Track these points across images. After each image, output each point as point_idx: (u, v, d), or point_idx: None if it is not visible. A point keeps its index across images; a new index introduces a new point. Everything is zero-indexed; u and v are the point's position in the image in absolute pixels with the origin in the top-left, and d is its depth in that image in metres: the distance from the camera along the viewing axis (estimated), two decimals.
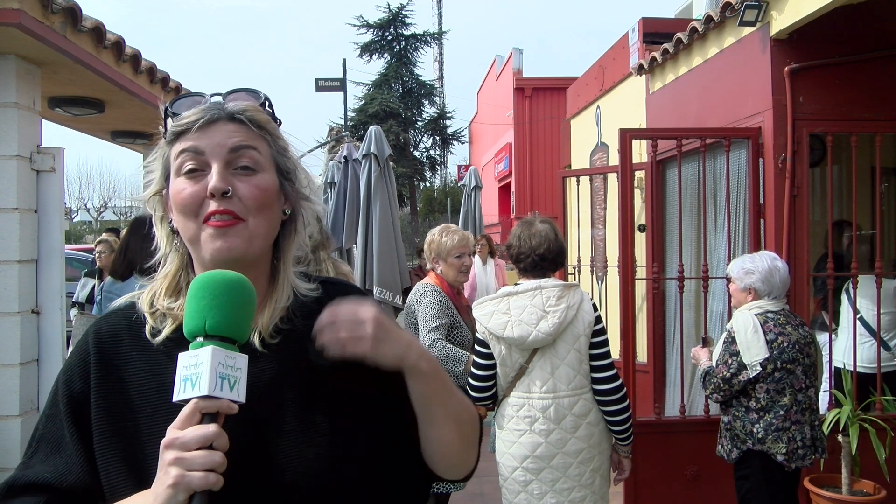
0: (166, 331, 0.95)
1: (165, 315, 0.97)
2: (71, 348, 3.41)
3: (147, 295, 0.99)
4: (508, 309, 2.59)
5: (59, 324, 3.43)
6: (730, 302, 3.24)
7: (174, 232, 0.98)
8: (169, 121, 0.97)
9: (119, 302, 1.03)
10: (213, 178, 0.91)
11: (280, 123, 1.03)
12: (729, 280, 3.16)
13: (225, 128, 0.94)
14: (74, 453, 0.91)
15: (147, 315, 0.97)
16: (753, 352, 2.79)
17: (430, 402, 0.99)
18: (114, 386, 0.93)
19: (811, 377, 2.91)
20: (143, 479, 0.85)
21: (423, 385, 0.97)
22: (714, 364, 2.94)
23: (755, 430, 2.81)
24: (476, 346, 2.70)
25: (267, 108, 1.01)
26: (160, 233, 1.01)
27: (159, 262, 1.02)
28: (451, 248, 3.29)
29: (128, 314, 0.99)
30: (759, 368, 2.78)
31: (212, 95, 0.99)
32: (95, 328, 0.99)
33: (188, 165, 0.93)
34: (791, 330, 2.87)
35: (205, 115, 0.94)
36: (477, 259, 6.84)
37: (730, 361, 2.85)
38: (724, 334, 2.99)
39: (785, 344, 2.81)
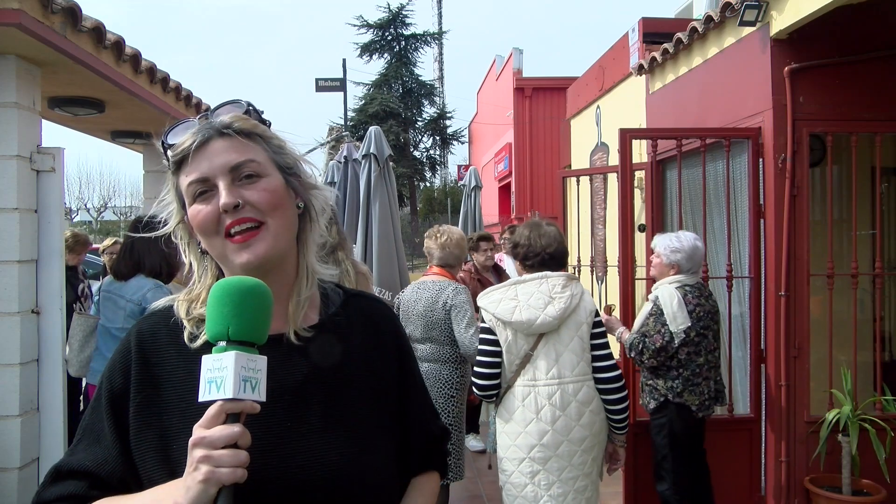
0: (204, 336, 0.99)
1: (203, 321, 1.01)
2: (68, 349, 3.42)
3: (183, 304, 1.04)
4: (516, 295, 2.70)
5: (59, 324, 3.43)
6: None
7: (204, 253, 1.03)
8: (169, 152, 1.02)
9: (159, 303, 1.08)
10: (221, 196, 0.97)
11: (269, 124, 1.07)
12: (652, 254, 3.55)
13: (219, 145, 0.99)
14: (111, 445, 0.97)
15: (184, 321, 1.02)
16: (679, 321, 3.19)
17: None
18: (152, 382, 0.99)
19: (717, 340, 3.38)
20: (176, 472, 0.90)
21: None
22: (637, 333, 3.29)
23: (674, 385, 3.23)
24: (481, 335, 2.77)
25: (252, 113, 1.05)
26: (190, 256, 1.06)
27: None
28: None
29: (167, 315, 1.05)
30: (683, 335, 3.18)
31: (199, 118, 1.03)
32: (138, 328, 1.05)
33: (198, 190, 0.99)
34: (704, 301, 3.30)
35: (196, 139, 0.99)
36: (507, 259, 6.58)
37: (663, 331, 3.20)
38: (650, 306, 3.32)
39: (702, 313, 3.25)
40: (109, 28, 3.61)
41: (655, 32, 5.55)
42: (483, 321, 2.77)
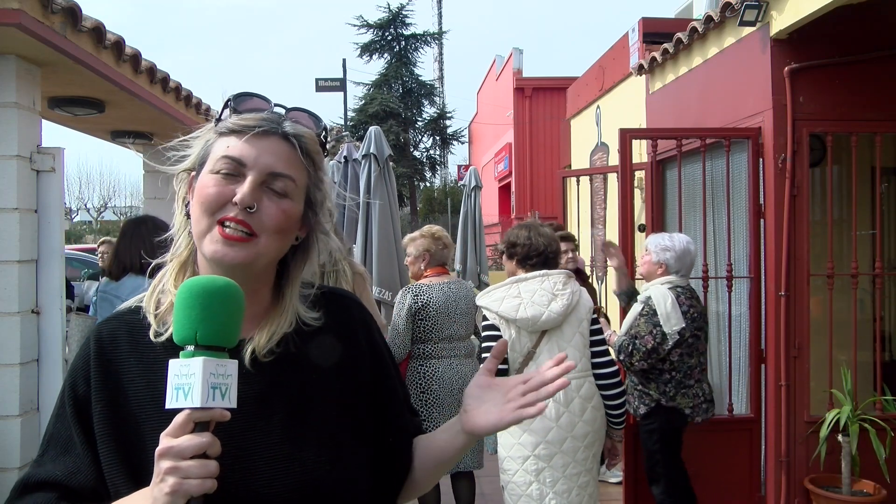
0: (168, 333, 0.95)
1: (168, 314, 0.97)
2: (67, 349, 3.42)
3: (152, 293, 1.00)
4: (519, 293, 2.73)
5: (59, 324, 3.43)
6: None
7: (188, 216, 0.98)
8: (227, 111, 0.98)
9: (124, 305, 1.03)
10: (243, 190, 0.92)
11: (327, 153, 1.04)
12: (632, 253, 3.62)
13: (275, 146, 0.96)
14: (82, 454, 0.93)
15: (150, 315, 0.97)
16: (673, 322, 3.15)
17: (461, 453, 1.06)
18: (112, 390, 0.95)
19: (707, 342, 3.40)
20: (142, 481, 0.87)
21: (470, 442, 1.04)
22: (626, 335, 3.24)
23: (667, 389, 3.20)
24: (486, 333, 2.78)
25: (322, 137, 1.02)
26: (178, 212, 1.01)
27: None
28: None
29: (129, 319, 1.00)
30: (677, 336, 3.14)
31: (275, 105, 1.00)
32: (97, 332, 1.00)
33: (226, 167, 0.94)
34: (696, 303, 3.29)
35: (262, 126, 0.95)
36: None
37: (654, 332, 3.16)
38: (640, 306, 3.28)
39: (695, 314, 3.23)
40: (109, 28, 3.61)
41: (655, 32, 5.55)
42: (486, 320, 2.78)
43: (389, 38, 25.62)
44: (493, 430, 0.96)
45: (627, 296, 3.73)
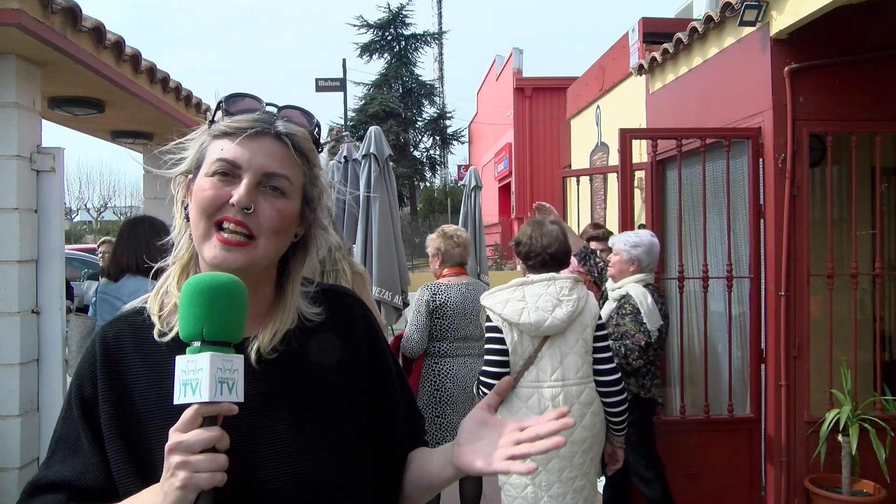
0: (173, 333, 0.96)
1: (172, 316, 0.97)
2: (67, 350, 3.42)
3: (156, 295, 1.01)
4: (524, 297, 2.69)
5: (59, 324, 3.43)
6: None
7: (188, 219, 0.99)
8: (219, 113, 0.99)
9: (128, 306, 1.04)
10: (240, 191, 0.93)
11: (322, 150, 1.05)
12: (605, 252, 3.66)
13: (268, 146, 0.96)
14: (90, 454, 0.94)
15: (155, 317, 0.98)
16: (654, 320, 3.22)
17: (449, 483, 1.05)
18: (117, 390, 0.96)
19: None
20: (150, 479, 0.88)
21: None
22: (612, 339, 3.18)
23: (645, 382, 3.31)
24: (489, 335, 2.76)
25: (315, 134, 1.03)
26: (177, 215, 1.02)
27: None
28: None
29: (133, 321, 1.01)
30: (657, 333, 3.22)
31: (267, 104, 1.01)
32: (102, 334, 1.01)
33: (221, 169, 0.95)
34: (663, 299, 3.39)
35: (254, 128, 0.95)
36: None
37: (643, 329, 3.22)
38: (615, 304, 3.35)
39: (665, 311, 3.33)
40: (109, 28, 3.61)
41: (655, 32, 5.55)
42: (489, 320, 2.76)
43: (389, 38, 25.63)
44: (480, 472, 0.93)
45: (580, 256, 3.86)
